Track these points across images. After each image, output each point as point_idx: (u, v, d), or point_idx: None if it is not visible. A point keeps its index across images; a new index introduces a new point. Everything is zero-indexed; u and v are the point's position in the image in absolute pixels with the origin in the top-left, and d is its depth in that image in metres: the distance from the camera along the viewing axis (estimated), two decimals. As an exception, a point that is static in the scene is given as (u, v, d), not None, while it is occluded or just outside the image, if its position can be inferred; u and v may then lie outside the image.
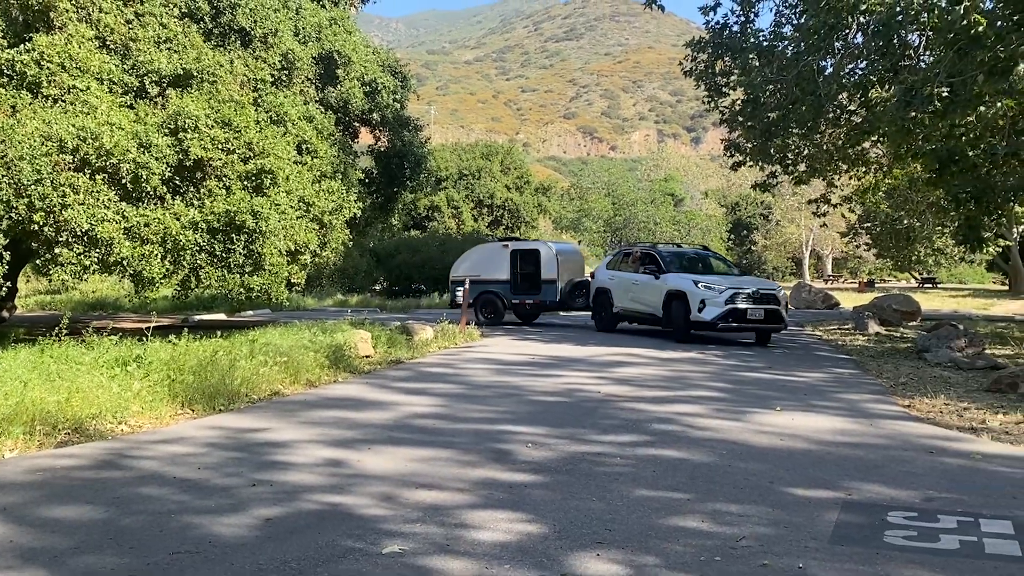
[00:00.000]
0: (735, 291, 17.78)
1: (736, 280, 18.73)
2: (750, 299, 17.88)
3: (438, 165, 47.64)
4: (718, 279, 18.79)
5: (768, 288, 18.60)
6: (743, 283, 18.50)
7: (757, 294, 17.96)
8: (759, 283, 19.14)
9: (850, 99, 18.72)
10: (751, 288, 18.09)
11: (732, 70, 19.71)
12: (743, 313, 17.71)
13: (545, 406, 10.31)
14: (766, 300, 18.06)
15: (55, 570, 4.61)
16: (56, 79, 14.73)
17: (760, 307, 17.88)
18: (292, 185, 16.54)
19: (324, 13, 21.46)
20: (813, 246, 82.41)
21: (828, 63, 17.22)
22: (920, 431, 8.95)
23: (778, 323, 18.33)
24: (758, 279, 20.72)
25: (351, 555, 4.90)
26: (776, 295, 18.36)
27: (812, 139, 20.54)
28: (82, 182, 13.53)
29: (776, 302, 18.22)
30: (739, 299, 17.79)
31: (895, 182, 29.30)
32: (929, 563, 4.88)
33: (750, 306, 17.78)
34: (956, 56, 13.49)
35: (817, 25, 15.74)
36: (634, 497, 6.18)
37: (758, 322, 18.02)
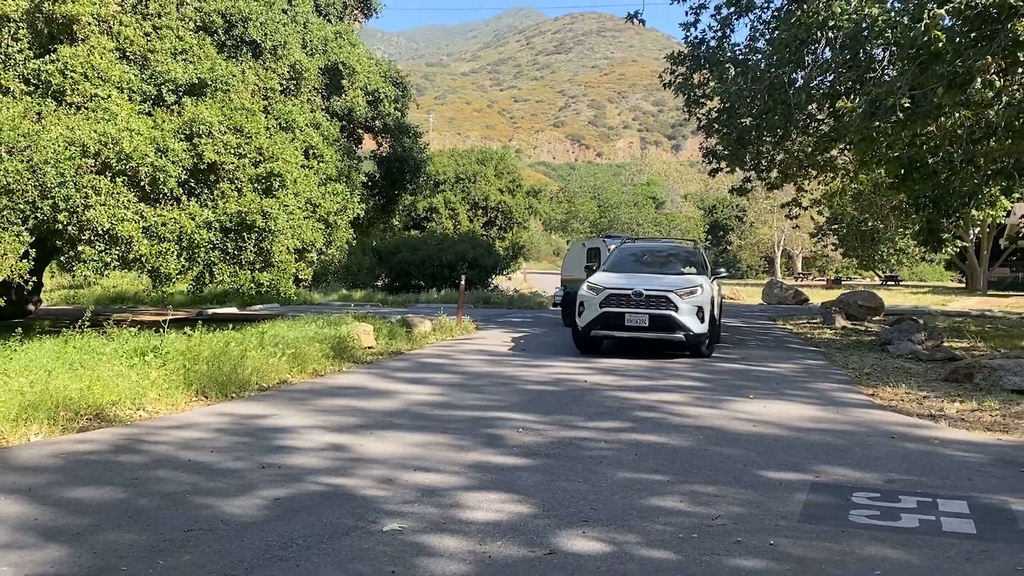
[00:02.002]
0: (613, 292, 13.94)
1: (668, 281, 14.50)
2: (630, 302, 13.76)
3: (436, 169, 47.56)
4: (627, 278, 14.60)
5: (660, 288, 13.92)
6: (652, 283, 14.26)
7: (640, 295, 13.72)
8: (677, 283, 14.27)
9: (819, 109, 18.72)
10: (634, 288, 13.86)
11: (709, 81, 19.70)
12: (619, 318, 13.76)
13: (535, 394, 10.30)
14: (654, 303, 13.72)
15: (77, 546, 4.58)
16: (79, 88, 14.65)
17: (643, 312, 13.69)
18: (300, 187, 16.49)
19: (330, 27, 21.39)
20: (784, 246, 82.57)
21: (799, 75, 17.21)
22: (883, 418, 8.96)
23: (671, 332, 13.78)
24: (689, 279, 14.71)
25: (353, 532, 4.88)
26: (669, 297, 13.72)
27: (783, 146, 20.54)
28: (103, 184, 13.47)
29: (668, 305, 13.71)
30: (617, 302, 13.84)
31: (861, 187, 29.38)
32: (891, 540, 4.89)
33: (629, 310, 13.70)
34: (918, 70, 13.52)
35: (788, 40, 15.74)
36: (617, 479, 6.18)
37: (640, 330, 13.78)
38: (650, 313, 13.66)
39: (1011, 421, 8.69)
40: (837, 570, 4.40)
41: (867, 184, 28.26)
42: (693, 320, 13.71)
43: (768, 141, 19.67)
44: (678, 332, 13.73)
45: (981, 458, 7.05)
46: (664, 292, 13.79)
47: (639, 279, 14.39)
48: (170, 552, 4.52)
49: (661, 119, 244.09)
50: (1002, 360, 11.48)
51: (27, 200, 12.21)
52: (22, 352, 10.85)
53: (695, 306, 13.75)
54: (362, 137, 23.78)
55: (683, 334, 13.73)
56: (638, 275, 14.78)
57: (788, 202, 25.22)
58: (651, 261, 16.14)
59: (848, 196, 33.04)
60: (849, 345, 16.94)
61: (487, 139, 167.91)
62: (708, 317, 13.86)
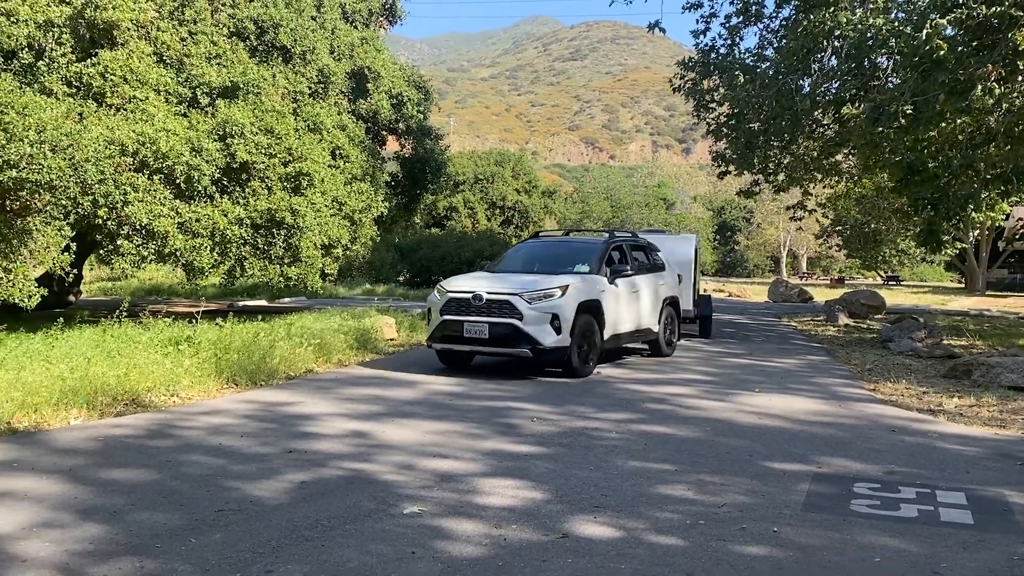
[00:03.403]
0: (454, 296, 10.96)
1: (523, 282, 11.09)
2: (470, 308, 10.78)
3: (456, 170, 47.57)
4: (490, 279, 11.43)
5: (504, 291, 10.72)
6: (504, 284, 11.03)
7: (480, 300, 10.69)
8: (527, 285, 10.88)
9: (824, 115, 18.61)
10: (474, 291, 10.84)
11: (718, 87, 19.61)
12: (459, 328, 10.78)
13: (547, 385, 10.29)
14: (496, 310, 10.61)
15: (114, 524, 4.62)
16: (119, 90, 14.74)
17: (483, 320, 10.60)
18: (326, 186, 16.53)
19: (356, 33, 21.41)
20: (790, 246, 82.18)
21: (805, 82, 17.11)
22: (884, 412, 8.91)
23: (513, 345, 10.57)
24: (551, 279, 11.08)
25: (375, 515, 4.90)
26: (512, 302, 10.54)
27: (790, 150, 20.43)
28: (141, 182, 13.54)
29: (511, 312, 10.50)
30: (456, 308, 10.89)
31: (864, 190, 29.19)
32: (891, 529, 4.86)
33: (468, 318, 10.71)
34: (920, 78, 13.42)
35: (796, 48, 15.65)
36: (627, 468, 6.17)
37: (480, 343, 10.74)
38: (490, 322, 10.53)
39: (1008, 416, 8.61)
40: (838, 557, 4.38)
41: (870, 187, 28.07)
42: (545, 330, 10.43)
43: (775, 145, 19.57)
44: (522, 345, 10.45)
45: (979, 452, 7.00)
46: (507, 296, 10.60)
47: (502, 280, 11.20)
48: (201, 531, 4.55)
49: (672, 123, 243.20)
50: (1000, 358, 11.39)
51: (69, 196, 12.29)
52: (63, 340, 10.95)
53: (548, 313, 10.43)
54: (386, 139, 23.81)
55: (529, 348, 10.43)
56: (513, 276, 11.57)
57: (794, 204, 25.08)
58: (548, 258, 12.61)
59: (852, 199, 32.81)
60: (852, 342, 16.83)
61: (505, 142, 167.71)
62: (571, 326, 10.59)
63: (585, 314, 10.96)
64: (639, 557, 4.29)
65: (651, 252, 13.92)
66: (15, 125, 11.42)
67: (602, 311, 11.31)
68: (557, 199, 60.04)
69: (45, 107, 12.64)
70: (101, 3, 14.83)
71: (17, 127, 11.40)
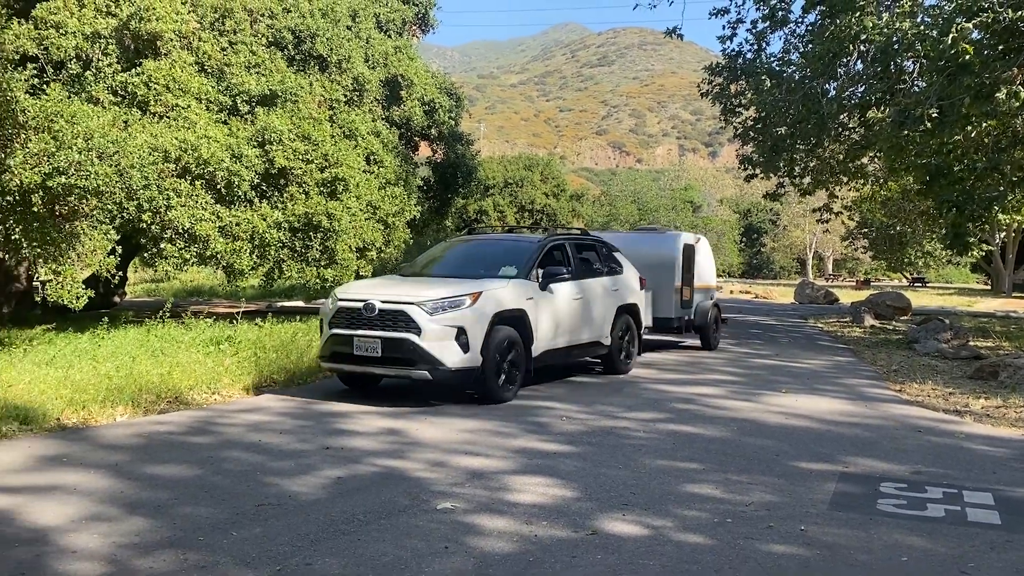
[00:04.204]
0: (345, 304, 8.91)
1: (421, 289, 8.98)
2: (360, 319, 8.71)
3: (486, 175, 47.64)
4: (400, 284, 9.47)
5: (401, 300, 8.63)
6: (406, 291, 8.90)
7: (372, 310, 8.60)
8: (427, 293, 8.74)
9: (850, 119, 18.41)
10: (367, 299, 8.73)
11: (745, 91, 19.49)
12: (348, 344, 8.69)
13: (576, 385, 10.28)
14: (390, 322, 8.56)
15: (158, 518, 4.68)
16: (162, 98, 14.93)
17: (375, 335, 8.54)
18: (361, 191, 16.64)
19: (390, 42, 21.52)
20: (816, 248, 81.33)
21: (831, 86, 16.94)
22: (910, 413, 8.79)
23: (409, 365, 8.49)
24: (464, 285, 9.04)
25: (408, 511, 4.92)
26: (408, 313, 8.48)
27: (816, 154, 20.23)
28: (183, 187, 13.71)
29: (406, 325, 8.46)
30: (347, 319, 8.84)
31: (890, 193, 28.83)
32: (918, 529, 4.79)
33: (359, 332, 8.64)
34: (946, 81, 13.23)
35: (822, 53, 15.50)
36: (655, 466, 6.14)
37: (372, 362, 8.65)
38: (383, 337, 8.47)
39: (1035, 418, 8.46)
40: (865, 556, 4.33)
41: (896, 190, 27.71)
42: (448, 347, 8.37)
43: (801, 149, 19.40)
44: (421, 366, 8.38)
45: (1006, 452, 6.88)
46: (403, 305, 8.51)
47: (405, 286, 9.19)
48: (242, 525, 4.59)
49: (699, 127, 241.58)
50: (1027, 359, 11.18)
51: (115, 201, 12.47)
52: (109, 340, 11.12)
53: (453, 326, 8.40)
54: (418, 144, 23.88)
55: (428, 369, 8.38)
56: (424, 281, 9.62)
57: (820, 207, 24.82)
58: (473, 259, 10.56)
59: (877, 201, 32.41)
60: (877, 343, 16.63)
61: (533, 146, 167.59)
62: (484, 341, 8.56)
63: (505, 326, 8.89)
64: (667, 554, 4.27)
65: (605, 252, 11.60)
66: (64, 133, 11.61)
67: (528, 323, 9.23)
68: (585, 202, 59.94)
69: (92, 115, 12.83)
70: (145, 15, 15.03)
71: (66, 135, 11.59)
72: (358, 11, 20.36)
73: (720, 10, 19.33)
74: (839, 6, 15.06)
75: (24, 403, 7.31)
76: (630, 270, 11.94)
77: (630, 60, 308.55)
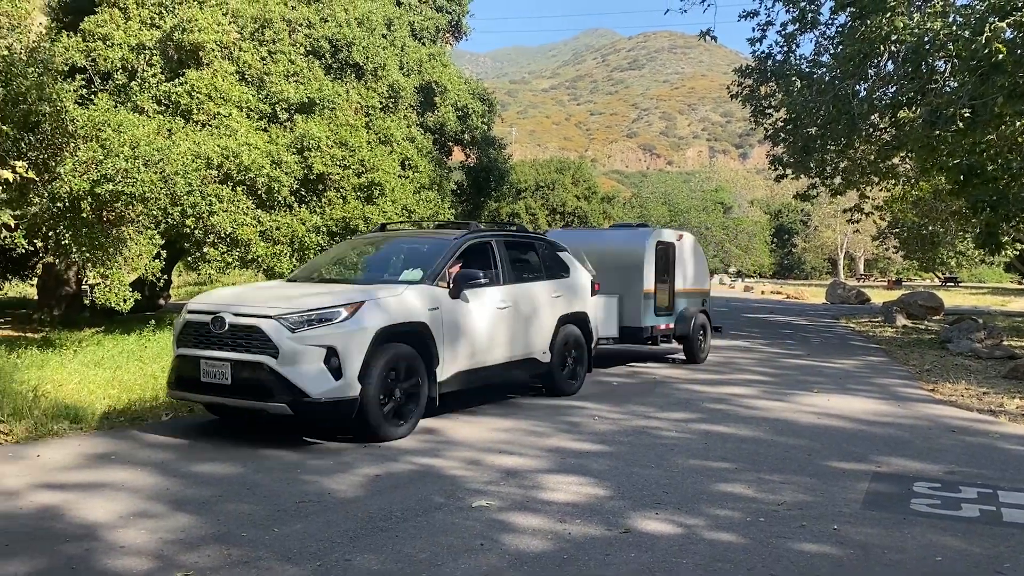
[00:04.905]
0: (193, 318, 7.03)
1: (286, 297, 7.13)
2: (210, 337, 6.81)
3: (518, 178, 47.70)
4: (277, 289, 7.78)
5: (257, 312, 6.74)
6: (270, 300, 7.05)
7: (221, 324, 6.73)
8: (294, 304, 6.80)
9: (881, 119, 18.16)
10: (218, 310, 6.86)
11: (775, 93, 19.31)
12: (195, 369, 6.79)
13: (608, 385, 10.24)
14: (242, 340, 6.66)
15: (203, 514, 4.74)
16: (204, 107, 15.14)
17: (225, 356, 6.67)
18: (397, 195, 16.74)
19: (424, 49, 21.62)
20: (847, 248, 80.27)
21: (862, 87, 16.72)
22: (943, 412, 8.65)
23: (265, 397, 6.52)
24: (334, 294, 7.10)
25: (444, 508, 4.94)
26: (263, 329, 6.55)
27: (847, 154, 19.97)
28: (225, 193, 13.89)
29: (261, 346, 6.55)
30: (194, 336, 6.95)
31: (921, 193, 28.33)
32: (952, 528, 4.71)
33: (207, 353, 6.79)
34: (978, 81, 13.00)
35: (852, 53, 15.29)
36: (687, 466, 6.10)
37: (223, 392, 6.69)
38: (233, 360, 6.57)
39: (1072, 418, 8.28)
40: (899, 555, 4.26)
41: (927, 190, 27.24)
42: (314, 373, 6.43)
43: (832, 149, 19.17)
44: (279, 397, 6.40)
45: (1041, 453, 6.74)
46: (258, 318, 6.61)
47: (273, 294, 7.38)
48: (284, 521, 4.64)
49: (729, 129, 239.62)
50: (1062, 359, 10.94)
51: (160, 207, 12.66)
52: (155, 341, 11.30)
53: (321, 346, 6.48)
54: (452, 149, 23.97)
55: (288, 401, 6.41)
56: (302, 287, 7.69)
57: (851, 207, 24.50)
58: (374, 261, 8.96)
59: (909, 202, 31.89)
60: (910, 343, 16.37)
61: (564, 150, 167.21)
62: (363, 364, 6.58)
63: (396, 344, 6.93)
64: (700, 553, 4.23)
65: (547, 252, 9.66)
66: (112, 141, 11.82)
67: (431, 339, 7.28)
68: (616, 204, 59.76)
69: (138, 124, 13.05)
70: (188, 26, 15.26)
71: (113, 143, 11.81)
72: (393, 20, 20.50)
73: (750, 12, 19.17)
74: (869, 7, 14.85)
75: (74, 402, 7.46)
76: (580, 273, 9.92)
77: (660, 63, 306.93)
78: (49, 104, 10.33)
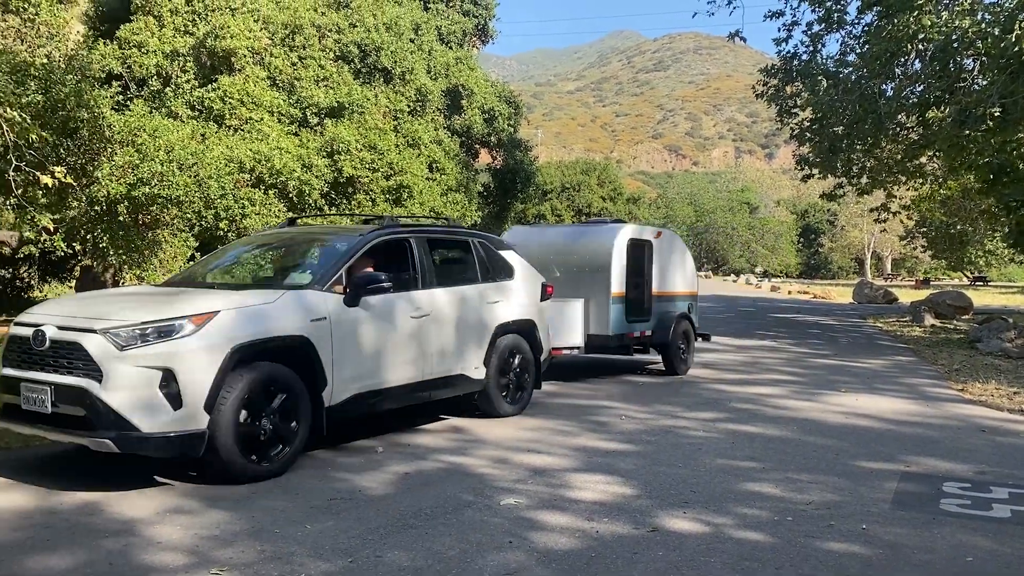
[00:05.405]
0: (17, 333, 5.61)
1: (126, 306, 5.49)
2: (31, 354, 5.37)
3: (544, 180, 47.72)
4: (117, 299, 6.02)
5: (82, 324, 5.24)
6: (99, 310, 5.47)
7: (41, 339, 5.27)
8: (125, 316, 5.25)
9: (908, 118, 17.93)
10: (41, 322, 5.40)
11: (801, 92, 19.14)
12: (15, 391, 5.34)
13: (635, 385, 10.20)
14: (63, 359, 5.21)
15: (236, 511, 4.79)
16: (236, 112, 15.32)
17: (46, 379, 5.21)
18: (424, 198, 16.82)
19: (451, 53, 21.71)
20: (874, 248, 79.33)
21: (889, 86, 16.52)
22: (973, 412, 8.51)
23: (89, 428, 5.02)
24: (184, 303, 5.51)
25: (473, 506, 4.95)
26: (84, 346, 5.10)
27: (873, 154, 19.75)
28: (257, 196, 14.05)
29: (82, 366, 5.10)
30: (17, 354, 5.52)
31: (950, 192, 27.94)
32: (982, 529, 4.64)
33: (26, 374, 5.33)
34: (1008, 79, 12.79)
35: (879, 52, 15.11)
36: (714, 465, 6.06)
37: (43, 422, 5.22)
38: (54, 384, 5.20)
39: (1105, 418, 8.12)
40: (928, 556, 4.20)
41: (956, 189, 26.85)
42: (146, 401, 5.08)
43: (858, 149, 18.96)
44: (102, 431, 5.01)
45: (1074, 453, 6.61)
46: (79, 333, 5.26)
47: (116, 303, 5.79)
48: (315, 518, 4.67)
49: (755, 129, 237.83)
50: (1095, 358, 10.73)
51: (194, 210, 12.83)
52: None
53: (155, 368, 5.12)
54: (478, 151, 24.06)
55: (112, 436, 5.00)
56: (167, 295, 6.03)
57: (878, 207, 24.21)
58: (265, 262, 7.87)
59: (937, 201, 31.46)
60: (938, 342, 16.14)
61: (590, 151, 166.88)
62: (213, 391, 5.23)
63: (265, 364, 5.55)
64: (728, 551, 4.21)
65: (483, 253, 8.10)
66: (147, 146, 12.00)
67: (316, 356, 5.86)
68: (641, 205, 59.61)
69: (172, 129, 13.24)
70: (220, 33, 15.45)
71: (149, 148, 11.99)
72: (420, 24, 20.58)
73: (775, 13, 19.02)
74: (896, 5, 14.67)
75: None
76: (527, 275, 8.51)
77: (685, 64, 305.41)
78: (87, 110, 10.51)
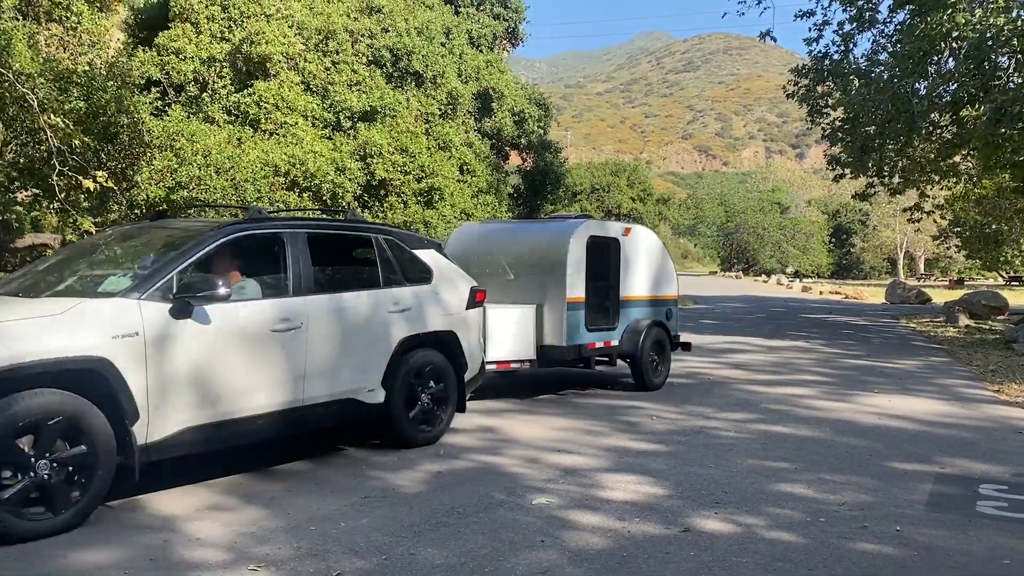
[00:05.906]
0: None
1: None
2: None
3: (574, 181, 47.67)
4: None
5: None
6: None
7: None
8: None
9: (941, 117, 17.65)
10: None
11: (832, 92, 18.92)
12: None
13: (666, 385, 10.14)
14: None
15: (273, 508, 4.84)
16: (271, 117, 15.49)
17: None
18: (455, 200, 16.88)
19: (481, 57, 21.76)
20: (907, 248, 78.11)
21: (922, 85, 16.27)
22: (1009, 413, 8.35)
23: None
24: None
25: (505, 505, 4.95)
26: None
27: (906, 153, 19.46)
28: (292, 199, 14.19)
29: None
30: None
31: (984, 191, 27.44)
32: (1020, 531, 4.55)
33: None
34: (1045, 76, 12.55)
35: (912, 51, 14.89)
36: (746, 465, 6.01)
37: None
38: None
39: None
40: (964, 558, 4.13)
41: (991, 188, 26.36)
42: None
43: (891, 148, 18.70)
44: None
45: (1114, 455, 6.46)
46: None
47: None
48: (350, 516, 4.71)
49: (785, 129, 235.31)
50: None
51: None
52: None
53: None
54: (509, 153, 24.08)
55: None
56: None
57: (911, 206, 23.85)
58: (114, 262, 5.85)
59: (971, 200, 30.93)
60: (973, 343, 15.85)
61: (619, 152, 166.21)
62: None
63: (40, 393, 4.24)
64: (760, 552, 4.17)
65: (393, 252, 6.64)
66: (185, 151, 12.18)
67: (120, 383, 4.55)
68: (671, 206, 59.33)
69: (210, 134, 13.42)
70: (256, 39, 15.63)
71: (187, 152, 12.17)
72: (451, 28, 20.65)
73: (806, 12, 18.83)
74: (929, 4, 14.45)
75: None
76: (449, 278, 7.05)
77: (715, 65, 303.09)
78: (127, 116, 10.69)
